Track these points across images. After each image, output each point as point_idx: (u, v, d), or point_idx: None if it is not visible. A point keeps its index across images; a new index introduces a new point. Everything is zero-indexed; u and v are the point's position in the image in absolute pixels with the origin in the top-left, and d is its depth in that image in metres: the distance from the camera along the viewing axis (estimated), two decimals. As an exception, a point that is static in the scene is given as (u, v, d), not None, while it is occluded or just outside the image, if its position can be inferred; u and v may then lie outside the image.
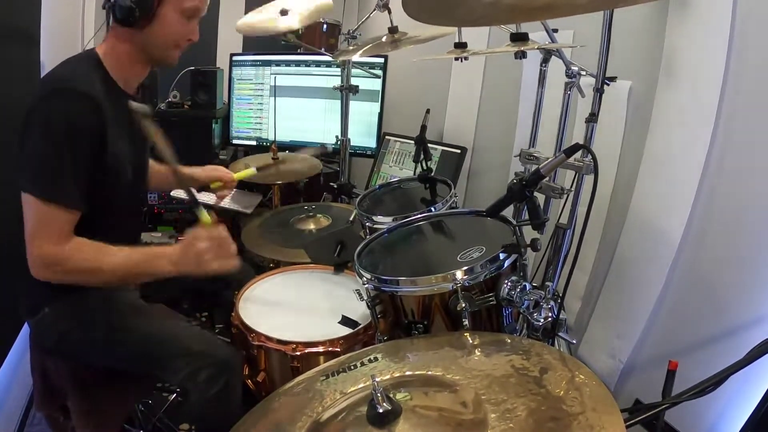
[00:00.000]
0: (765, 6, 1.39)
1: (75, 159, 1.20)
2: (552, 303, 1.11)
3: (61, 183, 1.19)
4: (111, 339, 1.34)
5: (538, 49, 1.48)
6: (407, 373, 0.96)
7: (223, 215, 2.51)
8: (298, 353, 1.31)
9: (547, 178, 1.25)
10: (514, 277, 1.13)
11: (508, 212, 1.38)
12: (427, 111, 1.79)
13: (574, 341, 1.62)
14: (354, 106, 2.44)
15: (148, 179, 1.57)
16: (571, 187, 1.52)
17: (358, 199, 1.79)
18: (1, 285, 1.56)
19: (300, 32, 2.15)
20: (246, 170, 1.92)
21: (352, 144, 2.47)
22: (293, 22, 2.00)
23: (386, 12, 1.80)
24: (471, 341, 1.02)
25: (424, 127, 1.74)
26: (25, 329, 1.83)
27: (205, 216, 1.24)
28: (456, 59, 1.63)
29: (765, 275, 1.39)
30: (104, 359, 1.36)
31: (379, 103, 2.70)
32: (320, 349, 1.32)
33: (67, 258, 1.20)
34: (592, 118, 1.48)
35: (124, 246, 1.26)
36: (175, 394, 1.96)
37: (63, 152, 1.19)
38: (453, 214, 1.50)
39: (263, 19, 2.05)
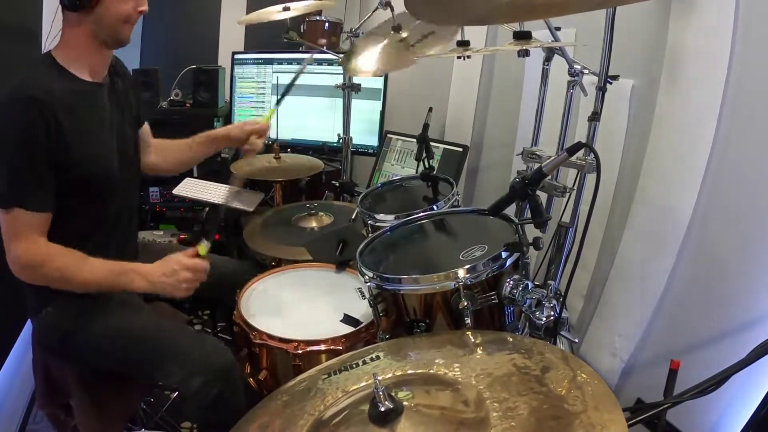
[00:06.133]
0: (768, 3, 1.38)
1: (31, 164, 1.22)
2: (554, 302, 1.11)
3: (20, 189, 1.22)
4: (109, 340, 1.34)
5: (540, 47, 1.48)
6: (409, 371, 0.96)
7: (224, 214, 2.52)
8: (300, 351, 1.31)
9: (549, 177, 1.25)
10: (516, 276, 1.13)
11: (510, 211, 1.38)
12: (430, 109, 1.79)
13: (576, 340, 1.62)
14: (356, 104, 2.44)
15: (138, 167, 1.58)
16: (574, 185, 1.52)
17: (360, 197, 1.79)
18: (3, 284, 1.56)
19: (302, 30, 2.15)
20: (269, 113, 1.86)
21: (354, 142, 2.46)
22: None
23: (388, 10, 1.79)
24: (473, 340, 1.02)
25: (426, 126, 1.74)
26: (28, 328, 1.84)
27: (204, 248, 1.34)
28: (458, 57, 1.63)
29: (767, 275, 1.39)
30: (103, 360, 1.36)
31: (381, 102, 2.69)
32: (322, 347, 1.32)
33: (40, 264, 1.25)
34: (595, 116, 1.48)
35: (116, 241, 1.32)
36: (177, 393, 1.96)
37: (18, 159, 1.21)
38: (455, 213, 1.50)
39: (266, 11, 2.05)
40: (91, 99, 1.36)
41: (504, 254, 1.11)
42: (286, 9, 2.00)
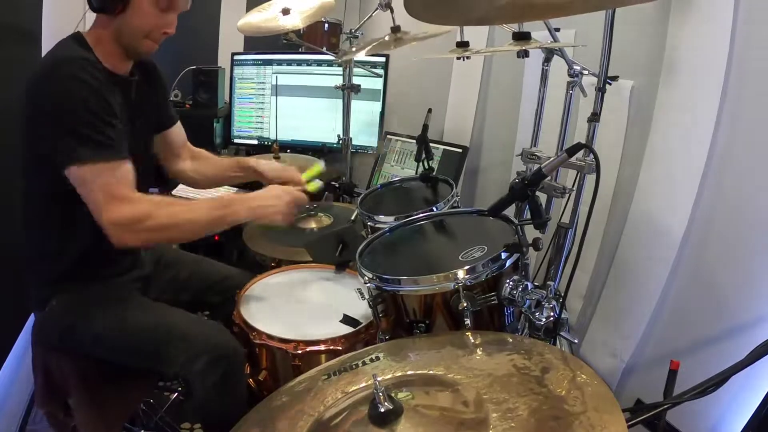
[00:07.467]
0: (766, 4, 1.38)
1: (101, 113, 1.20)
2: (554, 302, 1.11)
3: (100, 139, 1.19)
4: (111, 330, 1.34)
5: (540, 48, 1.48)
6: (409, 372, 0.96)
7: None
8: (300, 352, 1.31)
9: (548, 178, 1.25)
10: (515, 277, 1.13)
11: (510, 211, 1.38)
12: (429, 110, 1.79)
13: (576, 341, 1.62)
14: (355, 105, 2.43)
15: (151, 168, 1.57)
16: (573, 186, 1.52)
17: (359, 198, 1.79)
18: (3, 283, 1.56)
19: (302, 31, 2.15)
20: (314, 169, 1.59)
21: (353, 143, 2.46)
22: (295, 21, 1.99)
23: (388, 11, 1.79)
24: (473, 340, 1.02)
25: (425, 127, 1.74)
26: (28, 327, 1.84)
27: (314, 186, 1.44)
28: (458, 58, 1.63)
29: (767, 275, 1.39)
30: (104, 352, 1.36)
31: (381, 102, 2.69)
32: (322, 347, 1.32)
33: (146, 216, 1.21)
34: (594, 117, 1.48)
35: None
36: (176, 393, 1.96)
37: (88, 110, 1.18)
38: (455, 214, 1.50)
39: (264, 18, 2.05)
40: (110, 88, 1.32)
41: (503, 255, 1.11)
42: (286, 12, 1.99)
